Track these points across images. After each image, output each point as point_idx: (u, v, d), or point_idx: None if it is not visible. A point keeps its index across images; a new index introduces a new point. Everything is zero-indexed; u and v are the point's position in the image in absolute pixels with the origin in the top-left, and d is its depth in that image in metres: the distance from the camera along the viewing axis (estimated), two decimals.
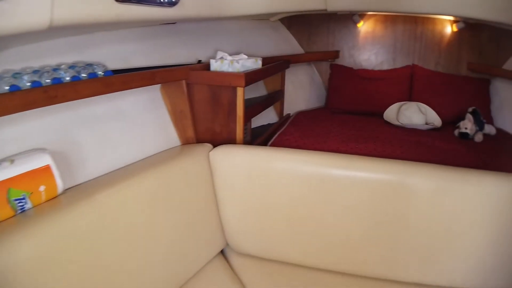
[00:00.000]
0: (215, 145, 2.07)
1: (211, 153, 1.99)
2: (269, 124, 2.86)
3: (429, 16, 3.27)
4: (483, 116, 2.77)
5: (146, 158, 1.90)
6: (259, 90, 2.84)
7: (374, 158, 1.90)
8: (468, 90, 3.11)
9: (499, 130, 2.87)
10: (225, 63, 2.19)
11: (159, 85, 2.09)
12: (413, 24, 3.34)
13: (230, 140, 2.18)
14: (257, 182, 1.95)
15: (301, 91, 3.36)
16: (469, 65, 3.32)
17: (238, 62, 2.19)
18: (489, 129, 2.75)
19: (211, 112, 2.17)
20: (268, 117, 2.90)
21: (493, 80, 3.26)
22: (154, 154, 1.96)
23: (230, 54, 2.32)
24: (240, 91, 2.09)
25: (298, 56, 3.28)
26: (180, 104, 2.13)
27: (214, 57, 2.26)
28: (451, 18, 3.23)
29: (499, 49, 3.28)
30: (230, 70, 2.19)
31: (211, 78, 2.14)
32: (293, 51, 3.33)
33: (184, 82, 2.10)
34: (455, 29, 3.25)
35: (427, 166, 1.83)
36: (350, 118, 2.93)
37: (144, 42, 2.06)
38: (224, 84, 2.11)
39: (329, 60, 3.45)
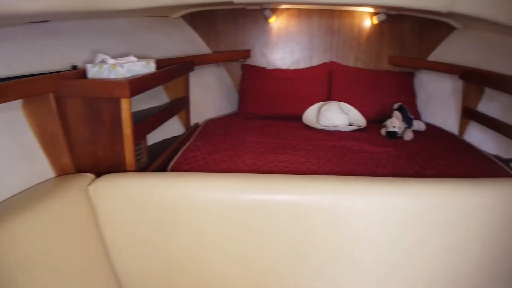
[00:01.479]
0: (100, 173, 1.60)
1: (90, 186, 1.52)
2: (174, 138, 2.43)
3: (347, 8, 3.05)
4: (410, 112, 2.57)
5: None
6: (159, 98, 2.42)
7: (294, 176, 1.55)
8: (392, 85, 2.91)
9: (428, 125, 2.72)
10: (105, 68, 1.73)
11: (20, 102, 1.58)
12: (329, 18, 3.08)
13: (118, 166, 1.72)
14: (154, 218, 1.51)
15: (210, 96, 2.95)
16: (390, 59, 3.14)
17: (122, 66, 1.74)
18: (418, 125, 2.58)
19: (91, 132, 1.69)
20: (172, 129, 2.48)
21: (418, 73, 3.13)
22: (11, 197, 1.44)
23: (115, 57, 1.85)
24: (125, 103, 1.64)
25: (204, 57, 2.87)
26: (50, 124, 1.62)
27: (93, 61, 1.80)
28: (371, 10, 3.02)
29: (422, 41, 3.16)
30: (112, 76, 1.72)
31: (86, 88, 1.65)
32: (198, 51, 2.92)
33: (51, 95, 1.59)
34: (375, 21, 3.05)
35: (358, 181, 1.51)
36: (266, 124, 2.58)
37: (3, 46, 1.55)
38: (103, 95, 1.64)
39: (240, 60, 3.08)
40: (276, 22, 3.07)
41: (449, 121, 2.78)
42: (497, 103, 2.59)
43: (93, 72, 1.74)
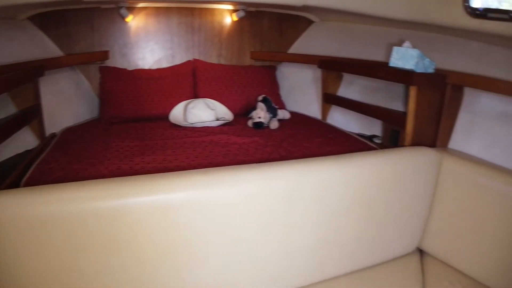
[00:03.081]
0: None
1: None
2: (27, 151, 2.18)
3: (207, 6, 3.02)
4: (274, 102, 2.63)
5: None
6: (4, 109, 2.15)
7: (158, 175, 1.44)
8: (255, 79, 2.95)
9: (292, 113, 2.82)
10: None
11: None
12: (189, 16, 3.02)
13: None
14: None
15: (66, 103, 2.69)
16: (252, 54, 3.19)
17: None
18: (282, 114, 2.66)
19: None
20: (24, 142, 2.22)
21: (279, 66, 3.21)
22: None
23: None
24: None
25: (55, 60, 2.59)
26: None
27: None
28: (230, 7, 3.03)
29: (282, 35, 3.26)
30: None
31: None
32: (49, 55, 2.66)
33: None
34: (235, 18, 3.06)
35: (226, 171, 1.47)
36: (132, 127, 2.44)
37: None
38: None
39: (98, 62, 2.87)
40: (134, 21, 2.93)
41: (312, 108, 2.92)
42: (356, 86, 2.77)
43: None
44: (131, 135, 2.27)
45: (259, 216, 1.48)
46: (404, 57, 2.06)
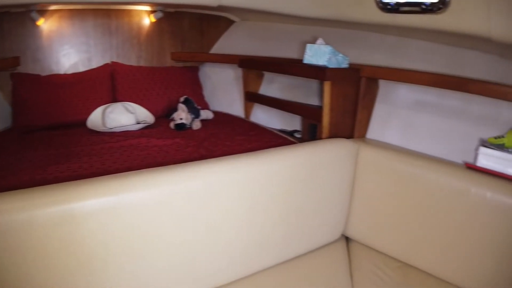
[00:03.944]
0: None
1: None
2: None
3: (123, 7, 2.95)
4: (197, 103, 2.62)
5: None
6: None
7: (66, 184, 1.37)
8: (177, 80, 2.93)
9: (216, 113, 2.83)
10: None
11: None
12: (106, 18, 2.93)
13: None
14: None
15: None
16: (173, 55, 3.15)
17: None
18: (205, 114, 2.66)
19: None
20: None
21: (202, 66, 3.20)
22: None
23: None
24: None
25: None
26: None
27: None
28: (148, 8, 2.98)
29: (203, 35, 3.26)
30: None
31: None
32: None
33: None
34: (153, 19, 3.02)
35: (138, 175, 1.44)
36: (47, 135, 2.32)
37: None
38: None
39: (9, 69, 2.73)
40: (46, 25, 2.79)
41: (235, 107, 2.94)
42: (276, 83, 2.82)
43: None
44: (46, 143, 2.17)
45: (178, 217, 1.47)
46: (317, 54, 2.13)
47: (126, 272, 1.42)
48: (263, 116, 2.84)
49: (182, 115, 2.38)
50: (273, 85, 2.83)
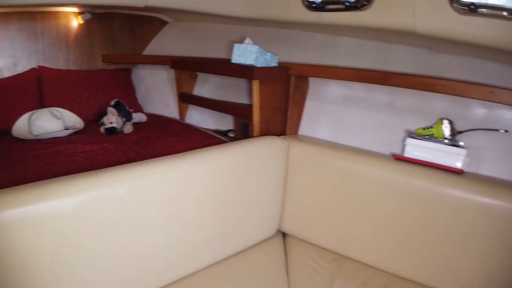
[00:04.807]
0: None
1: None
2: None
3: (49, 9, 2.84)
4: (130, 106, 2.58)
5: None
6: None
7: None
8: (109, 83, 2.87)
9: (150, 115, 2.79)
10: None
11: None
12: (31, 21, 2.81)
13: None
14: None
15: None
16: (104, 57, 3.08)
17: None
18: (138, 117, 2.62)
19: None
20: None
21: (135, 69, 3.15)
22: None
23: None
24: None
25: None
26: None
27: None
28: (75, 9, 2.89)
29: (135, 37, 3.21)
30: None
31: None
32: None
33: None
34: (81, 21, 2.92)
35: (55, 183, 1.39)
36: None
37: None
38: None
39: None
40: None
41: (170, 108, 2.92)
42: (210, 84, 2.82)
43: None
44: None
45: (103, 224, 1.43)
46: (245, 53, 2.14)
47: (54, 282, 1.38)
48: (198, 117, 2.84)
49: (112, 119, 2.34)
50: (206, 85, 2.83)
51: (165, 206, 1.57)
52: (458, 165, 1.80)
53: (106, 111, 2.41)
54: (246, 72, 2.13)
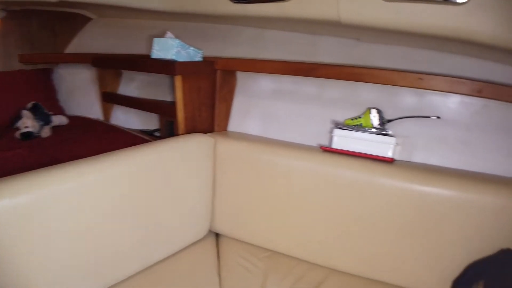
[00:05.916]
0: None
1: None
2: None
3: None
4: (50, 108, 2.45)
5: None
6: None
7: None
8: (27, 85, 2.70)
9: (72, 117, 2.65)
10: None
11: None
12: None
13: None
14: None
15: None
16: (21, 57, 2.87)
17: None
18: (58, 120, 2.49)
19: None
20: None
21: (56, 69, 2.98)
22: None
23: None
24: None
25: None
26: None
27: None
28: None
29: (56, 35, 3.04)
30: None
31: None
32: None
33: None
34: None
35: None
36: None
37: None
38: None
39: None
40: None
41: (94, 109, 2.78)
42: (135, 82, 2.71)
43: None
44: None
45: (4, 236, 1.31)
46: (165, 48, 2.06)
47: None
48: (123, 117, 2.72)
49: (27, 123, 2.19)
50: (132, 84, 2.72)
51: (79, 215, 1.45)
52: (388, 153, 1.81)
53: (20, 115, 2.25)
54: (167, 67, 2.05)
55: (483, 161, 1.81)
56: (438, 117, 1.85)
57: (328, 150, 1.90)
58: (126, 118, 2.70)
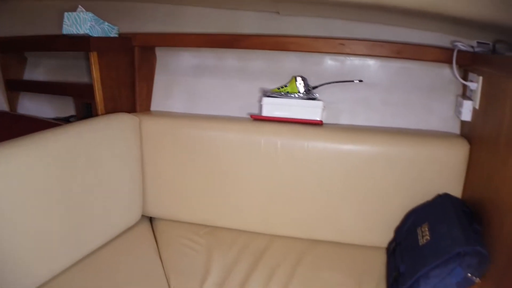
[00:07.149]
0: None
1: None
2: None
3: None
4: None
5: None
6: None
7: None
8: None
9: None
10: None
11: None
12: None
13: None
14: None
15: None
16: None
17: None
18: None
19: None
20: None
21: None
22: None
23: None
24: None
25: None
26: None
27: None
28: None
29: None
30: None
31: None
32: None
33: None
34: None
35: None
36: None
37: None
38: None
39: None
40: None
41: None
42: (43, 67, 2.49)
43: None
44: None
45: None
46: (77, 22, 1.87)
47: None
48: (32, 106, 2.46)
49: None
50: (39, 69, 2.47)
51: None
52: (317, 117, 1.84)
53: None
54: (81, 43, 1.86)
55: (403, 118, 1.93)
56: (360, 81, 1.93)
57: (258, 118, 1.89)
58: (35, 107, 2.44)
